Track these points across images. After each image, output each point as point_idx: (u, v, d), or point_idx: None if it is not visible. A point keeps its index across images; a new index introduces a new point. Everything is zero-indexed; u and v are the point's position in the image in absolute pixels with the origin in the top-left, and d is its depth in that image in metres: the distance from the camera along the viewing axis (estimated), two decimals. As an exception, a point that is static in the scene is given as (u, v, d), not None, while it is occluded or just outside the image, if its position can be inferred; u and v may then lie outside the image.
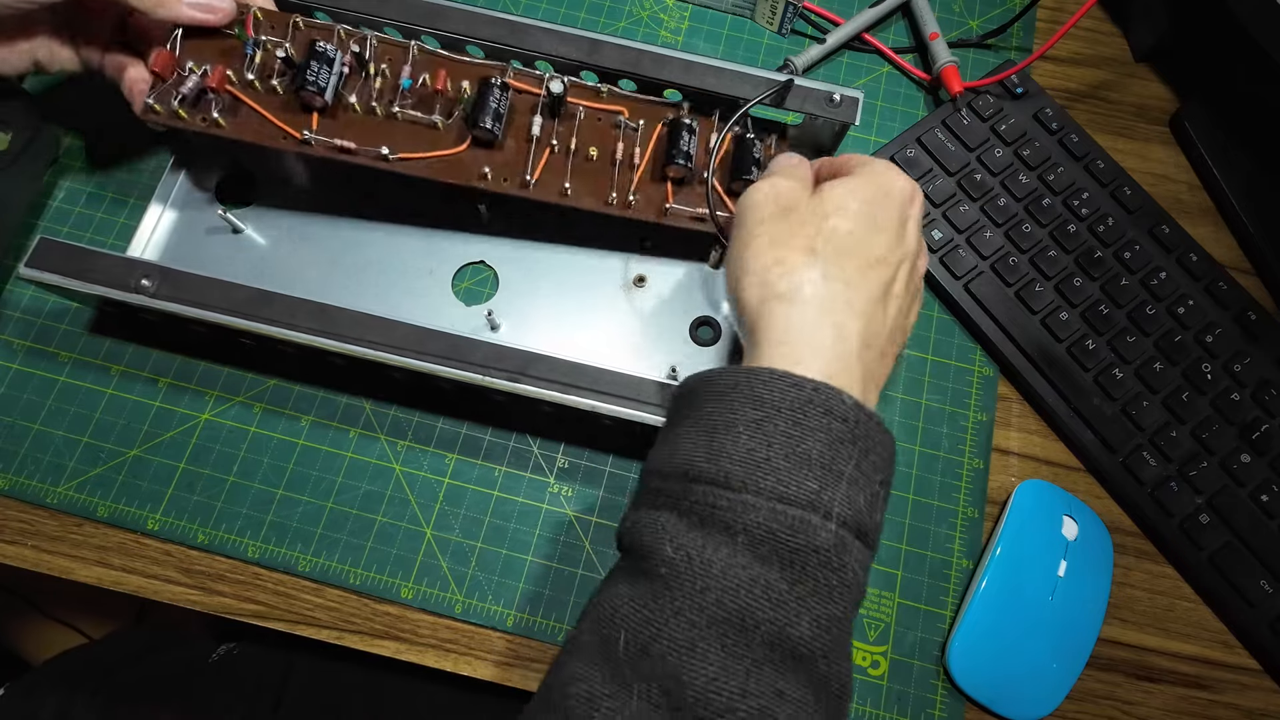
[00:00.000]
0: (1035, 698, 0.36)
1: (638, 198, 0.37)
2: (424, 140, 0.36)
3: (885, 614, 0.37)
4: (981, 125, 0.44)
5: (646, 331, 0.40)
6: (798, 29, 0.47)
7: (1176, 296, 0.41)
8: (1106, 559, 0.38)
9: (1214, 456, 0.39)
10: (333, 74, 0.35)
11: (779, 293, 0.28)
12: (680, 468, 0.26)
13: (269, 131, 0.35)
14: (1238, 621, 0.37)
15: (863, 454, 0.25)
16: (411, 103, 0.36)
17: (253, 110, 0.35)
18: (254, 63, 0.35)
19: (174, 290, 0.34)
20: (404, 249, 0.41)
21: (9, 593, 0.83)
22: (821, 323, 0.27)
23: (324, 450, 0.38)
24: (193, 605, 0.36)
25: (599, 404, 0.33)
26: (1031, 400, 0.41)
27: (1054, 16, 0.49)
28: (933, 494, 0.39)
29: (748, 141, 0.38)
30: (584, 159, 0.38)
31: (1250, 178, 0.44)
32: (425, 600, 0.36)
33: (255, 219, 0.41)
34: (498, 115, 0.36)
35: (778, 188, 0.31)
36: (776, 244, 0.29)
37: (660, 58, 0.38)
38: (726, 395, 0.26)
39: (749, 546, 0.24)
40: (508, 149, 0.37)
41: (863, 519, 0.25)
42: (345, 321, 0.34)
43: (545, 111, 0.37)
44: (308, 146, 0.35)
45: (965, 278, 0.41)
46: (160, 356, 0.39)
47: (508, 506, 0.38)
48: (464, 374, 0.33)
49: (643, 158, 0.38)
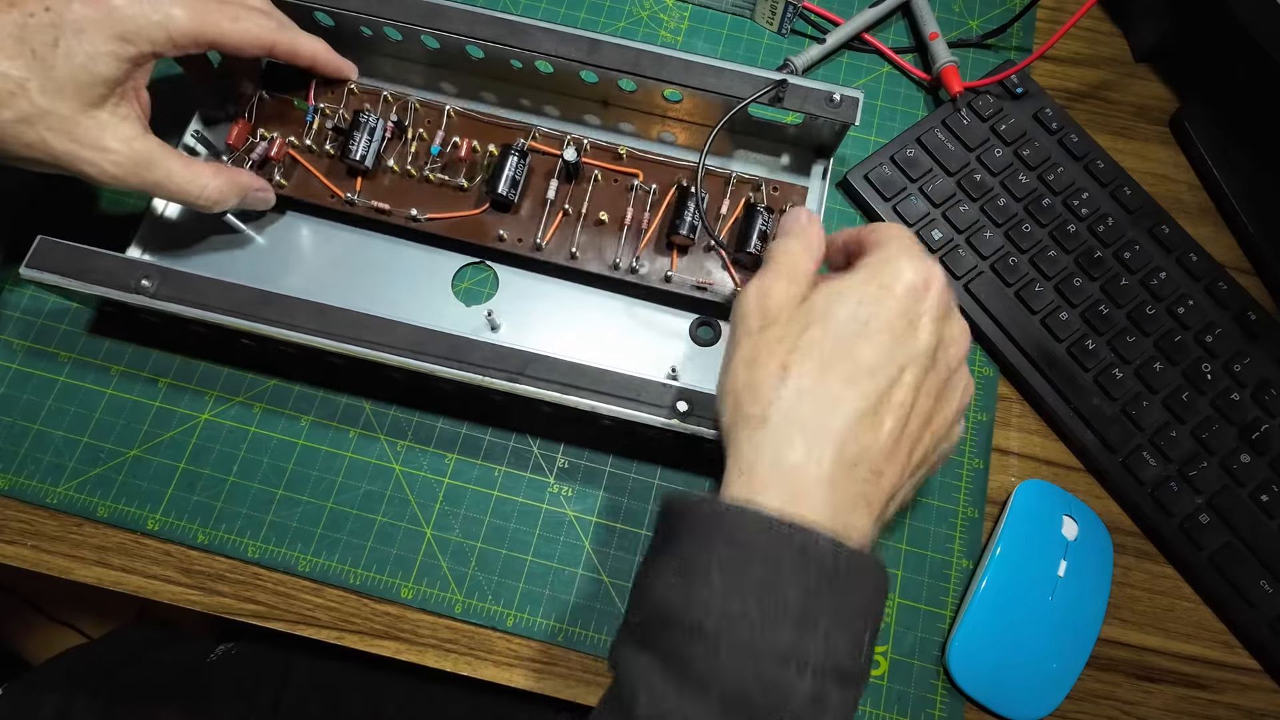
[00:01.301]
0: (1035, 697, 0.36)
1: (642, 263, 0.38)
2: (448, 201, 0.40)
3: (885, 614, 0.37)
4: (981, 125, 0.44)
5: (647, 332, 0.40)
6: (798, 29, 0.47)
7: (1176, 296, 0.41)
8: (1106, 559, 0.38)
9: (1214, 456, 0.39)
10: (374, 141, 0.39)
11: (747, 415, 0.27)
12: (659, 610, 0.25)
13: (320, 191, 0.39)
14: (1238, 621, 0.37)
15: (843, 595, 0.24)
16: (439, 166, 0.40)
17: (308, 172, 0.40)
18: (312, 129, 0.40)
19: (174, 290, 0.34)
20: (404, 250, 0.41)
21: (9, 593, 0.83)
22: (790, 447, 0.26)
23: (324, 450, 0.38)
24: (193, 605, 0.36)
25: (599, 404, 0.33)
26: (1031, 400, 0.41)
27: (1054, 16, 0.49)
28: (933, 494, 0.39)
29: (757, 212, 0.38)
30: (594, 222, 0.39)
31: (1250, 178, 0.44)
32: (425, 600, 0.36)
33: (255, 219, 0.41)
34: (514, 183, 0.39)
35: (766, 294, 0.29)
36: (752, 363, 0.27)
37: (659, 57, 0.38)
38: (701, 536, 0.25)
39: (722, 709, 0.23)
40: (523, 211, 0.39)
41: (845, 663, 0.24)
42: (344, 322, 0.34)
43: (562, 175, 0.39)
44: (351, 206, 0.39)
45: (965, 278, 0.41)
46: (160, 356, 0.39)
47: (508, 506, 0.38)
48: (464, 374, 0.33)
49: (650, 224, 0.39)
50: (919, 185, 0.43)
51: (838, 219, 0.44)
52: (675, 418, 0.33)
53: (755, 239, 0.37)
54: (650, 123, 0.43)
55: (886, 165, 0.43)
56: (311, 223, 0.41)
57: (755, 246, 0.37)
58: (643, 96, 0.41)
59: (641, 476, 0.39)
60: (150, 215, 0.40)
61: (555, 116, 0.43)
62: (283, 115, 0.40)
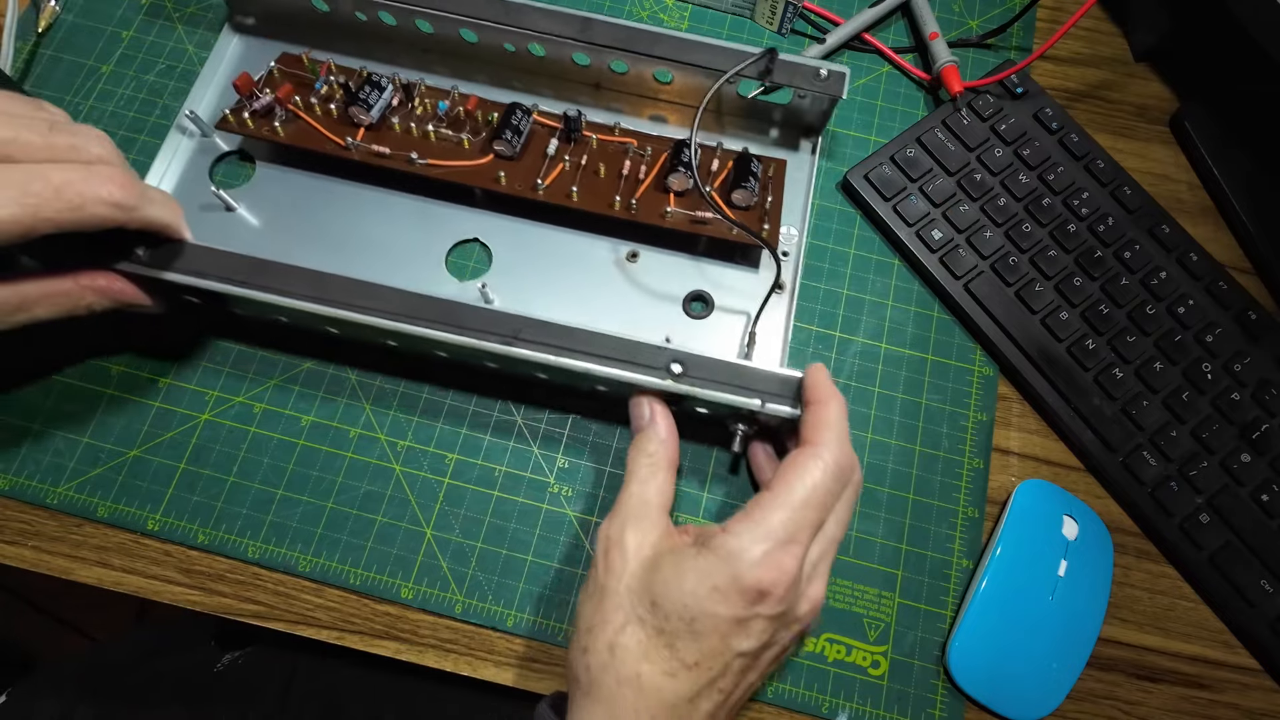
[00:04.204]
0: (1035, 697, 0.36)
1: (638, 204, 0.39)
2: (452, 154, 0.40)
3: (885, 614, 0.37)
4: (981, 125, 0.44)
5: (640, 305, 0.41)
6: (798, 29, 0.47)
7: (1176, 296, 0.41)
8: (1106, 559, 0.38)
9: (1214, 456, 0.39)
10: (382, 98, 0.39)
11: (577, 676, 0.28)
12: None
13: (318, 139, 0.39)
14: (1238, 621, 0.37)
15: None
16: (445, 124, 0.40)
17: (307, 123, 0.40)
18: (318, 95, 0.40)
19: (166, 259, 0.33)
20: (397, 228, 0.41)
21: (9, 593, 0.83)
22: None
23: (324, 450, 0.38)
24: (193, 605, 0.36)
25: (592, 366, 0.33)
26: (1031, 400, 0.41)
27: (1054, 16, 0.49)
28: (933, 494, 0.39)
29: (747, 155, 0.39)
30: (593, 173, 0.40)
31: (1250, 178, 0.44)
32: (425, 600, 0.36)
33: (248, 199, 0.41)
34: (517, 131, 0.39)
35: (613, 544, 0.29)
36: (589, 630, 0.28)
37: (652, 35, 0.39)
38: None
39: None
40: (524, 163, 0.40)
41: None
42: (339, 288, 0.34)
43: (562, 136, 0.40)
44: (348, 152, 0.39)
45: (965, 277, 0.41)
46: (161, 355, 0.39)
47: (508, 506, 0.38)
48: (459, 338, 0.33)
49: (648, 174, 0.40)
50: (919, 185, 0.43)
51: (838, 219, 0.44)
52: (669, 379, 0.33)
53: (750, 179, 0.39)
54: (642, 105, 0.44)
55: (886, 165, 0.43)
56: (304, 201, 0.41)
57: (750, 184, 0.39)
58: (634, 79, 0.42)
59: (641, 476, 0.39)
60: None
61: (549, 98, 0.44)
62: (292, 83, 0.40)
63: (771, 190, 0.40)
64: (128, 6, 0.46)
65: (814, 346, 0.41)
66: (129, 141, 0.42)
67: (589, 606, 0.29)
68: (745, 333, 0.40)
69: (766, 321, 0.40)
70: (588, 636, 0.28)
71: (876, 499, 0.39)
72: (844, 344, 0.41)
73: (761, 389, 0.33)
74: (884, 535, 0.38)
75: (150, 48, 0.45)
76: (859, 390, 0.41)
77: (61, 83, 0.44)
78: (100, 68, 0.44)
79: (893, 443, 0.40)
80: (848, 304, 0.42)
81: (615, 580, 0.28)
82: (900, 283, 0.43)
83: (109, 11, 0.45)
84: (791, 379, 0.33)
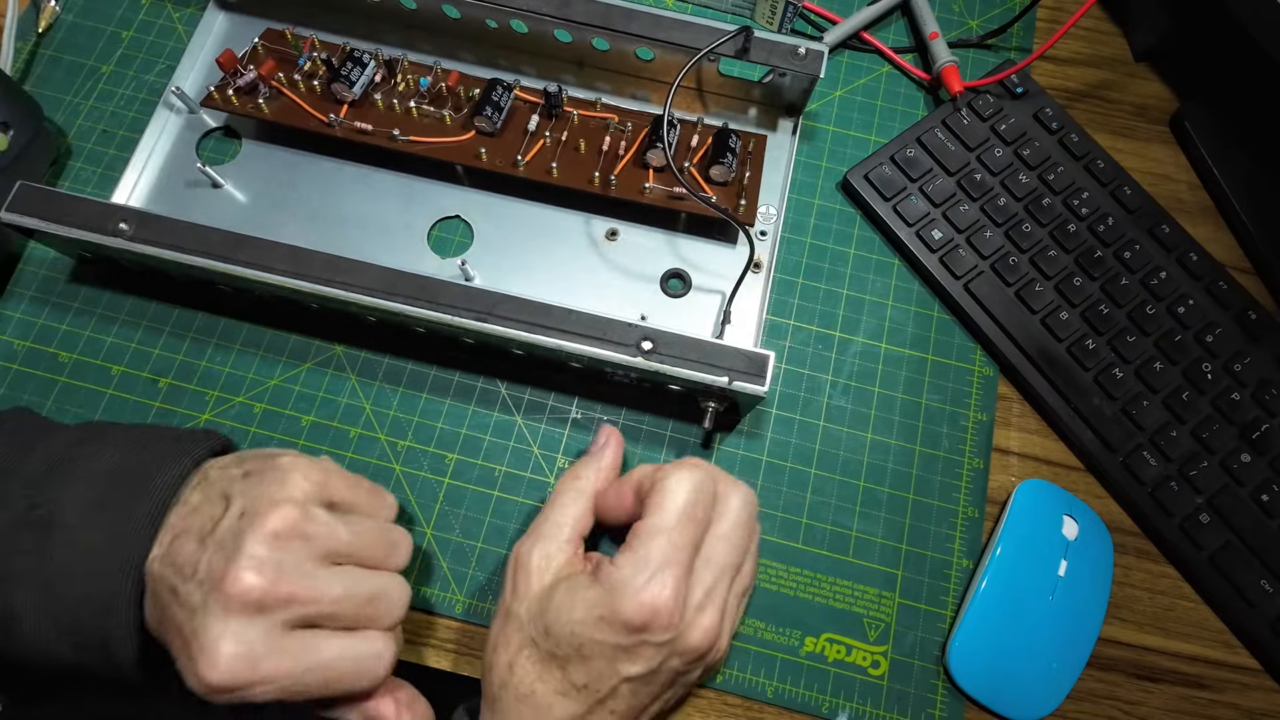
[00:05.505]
0: (1035, 697, 0.36)
1: (617, 179, 0.39)
2: (433, 131, 0.40)
3: (885, 614, 0.37)
4: (981, 125, 0.44)
5: (618, 283, 0.41)
6: (797, 28, 0.47)
7: (1176, 296, 0.41)
8: (1106, 559, 0.38)
9: (1214, 456, 0.39)
10: (365, 74, 0.40)
11: (485, 690, 0.30)
12: None
13: (301, 115, 0.40)
14: (1238, 621, 0.37)
15: None
16: (427, 101, 0.40)
17: (291, 100, 0.40)
18: (302, 71, 0.40)
19: (151, 234, 0.34)
20: (381, 204, 0.42)
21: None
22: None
23: (324, 450, 0.38)
24: (193, 605, 0.36)
25: (565, 343, 0.34)
26: (1031, 400, 0.41)
27: (1054, 16, 0.49)
28: (933, 494, 0.39)
29: (726, 131, 0.40)
30: (573, 149, 0.40)
31: (1250, 178, 0.44)
32: (425, 600, 0.36)
33: (234, 175, 0.42)
34: (498, 107, 0.40)
35: (519, 563, 0.31)
36: (495, 648, 0.30)
37: (629, 12, 0.39)
38: None
39: None
40: (505, 140, 0.40)
41: None
42: (317, 263, 0.34)
43: (543, 111, 0.41)
44: (331, 129, 0.40)
45: (965, 277, 0.41)
46: (161, 356, 0.39)
47: (508, 506, 0.38)
48: (434, 314, 0.34)
49: (628, 151, 0.40)
50: (919, 185, 0.43)
51: (838, 219, 0.44)
52: (639, 355, 0.34)
53: (728, 155, 0.39)
54: (624, 83, 0.44)
55: (886, 165, 0.43)
56: (290, 178, 0.42)
57: (727, 160, 0.39)
58: (616, 57, 0.42)
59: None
60: (131, 171, 0.41)
61: (532, 75, 0.44)
62: (275, 59, 0.41)
63: (750, 166, 0.41)
64: (128, 6, 0.46)
65: (814, 346, 0.41)
66: (129, 141, 0.42)
67: (495, 625, 0.31)
68: (720, 311, 0.40)
69: (742, 301, 0.40)
70: (493, 654, 0.30)
71: (877, 499, 0.39)
72: (844, 344, 0.41)
73: (729, 366, 0.34)
74: (884, 535, 0.38)
75: (150, 48, 0.45)
76: (859, 390, 0.41)
77: (61, 83, 0.44)
78: (100, 68, 0.44)
79: (893, 443, 0.40)
80: (848, 304, 0.42)
81: (518, 604, 0.30)
82: (900, 283, 0.43)
83: (109, 11, 0.46)
84: (760, 356, 0.34)
